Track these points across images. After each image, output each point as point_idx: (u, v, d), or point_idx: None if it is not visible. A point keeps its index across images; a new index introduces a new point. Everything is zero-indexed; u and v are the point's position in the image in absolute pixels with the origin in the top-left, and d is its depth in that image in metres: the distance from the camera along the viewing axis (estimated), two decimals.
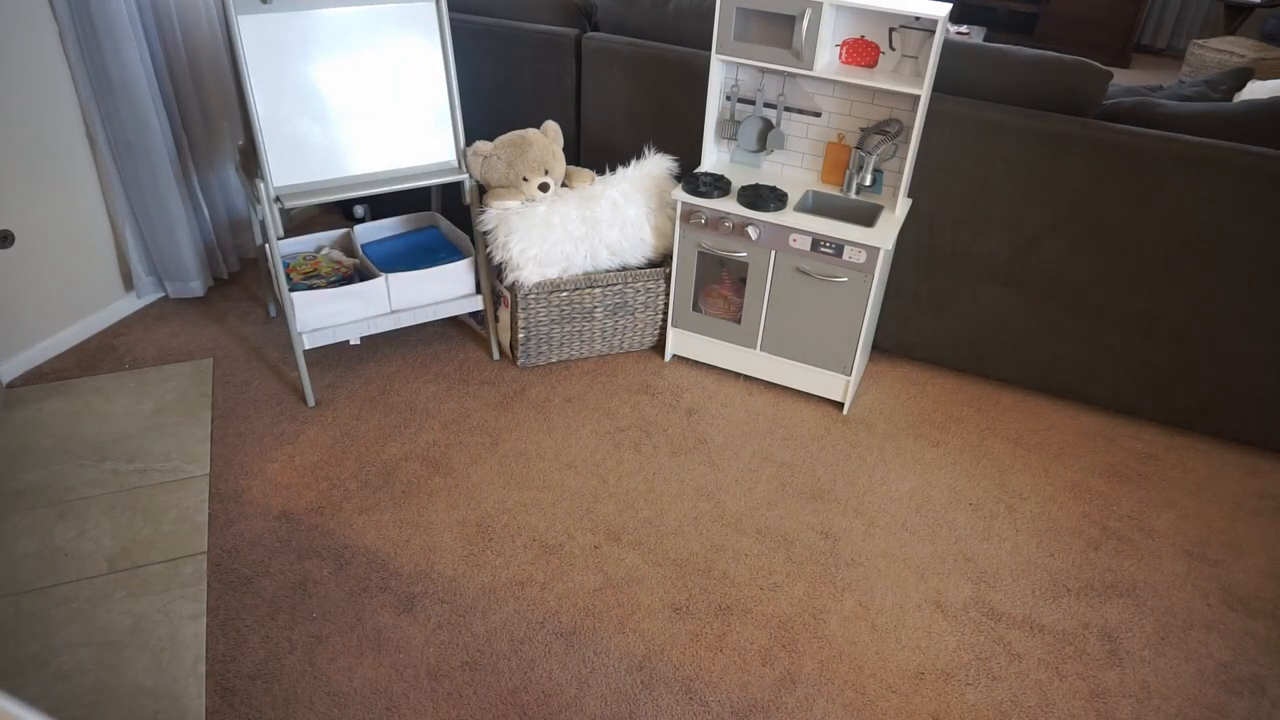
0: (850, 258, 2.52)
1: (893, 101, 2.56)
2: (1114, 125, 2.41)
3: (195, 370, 2.83)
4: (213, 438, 2.56)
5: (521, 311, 2.77)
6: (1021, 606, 2.19)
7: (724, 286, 2.81)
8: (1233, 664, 2.08)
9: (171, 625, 2.01)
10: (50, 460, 2.43)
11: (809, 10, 2.36)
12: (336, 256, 2.89)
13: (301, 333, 2.62)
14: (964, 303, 2.80)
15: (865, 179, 2.61)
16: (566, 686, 1.93)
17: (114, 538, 2.21)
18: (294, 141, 2.48)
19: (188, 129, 3.01)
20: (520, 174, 2.67)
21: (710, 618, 2.11)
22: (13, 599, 2.04)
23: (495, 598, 2.13)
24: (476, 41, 2.97)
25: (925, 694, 1.97)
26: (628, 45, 2.83)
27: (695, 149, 2.85)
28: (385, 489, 2.42)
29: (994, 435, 2.74)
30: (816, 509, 2.43)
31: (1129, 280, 2.58)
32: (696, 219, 2.65)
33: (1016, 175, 2.54)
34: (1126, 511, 2.48)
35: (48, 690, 1.86)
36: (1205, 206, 2.39)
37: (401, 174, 2.66)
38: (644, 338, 3.00)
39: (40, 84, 2.61)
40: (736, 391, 2.87)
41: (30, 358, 2.78)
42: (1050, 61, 2.45)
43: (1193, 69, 5.59)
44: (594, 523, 2.35)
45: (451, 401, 2.75)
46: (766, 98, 2.71)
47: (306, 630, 2.03)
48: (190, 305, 3.15)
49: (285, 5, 2.39)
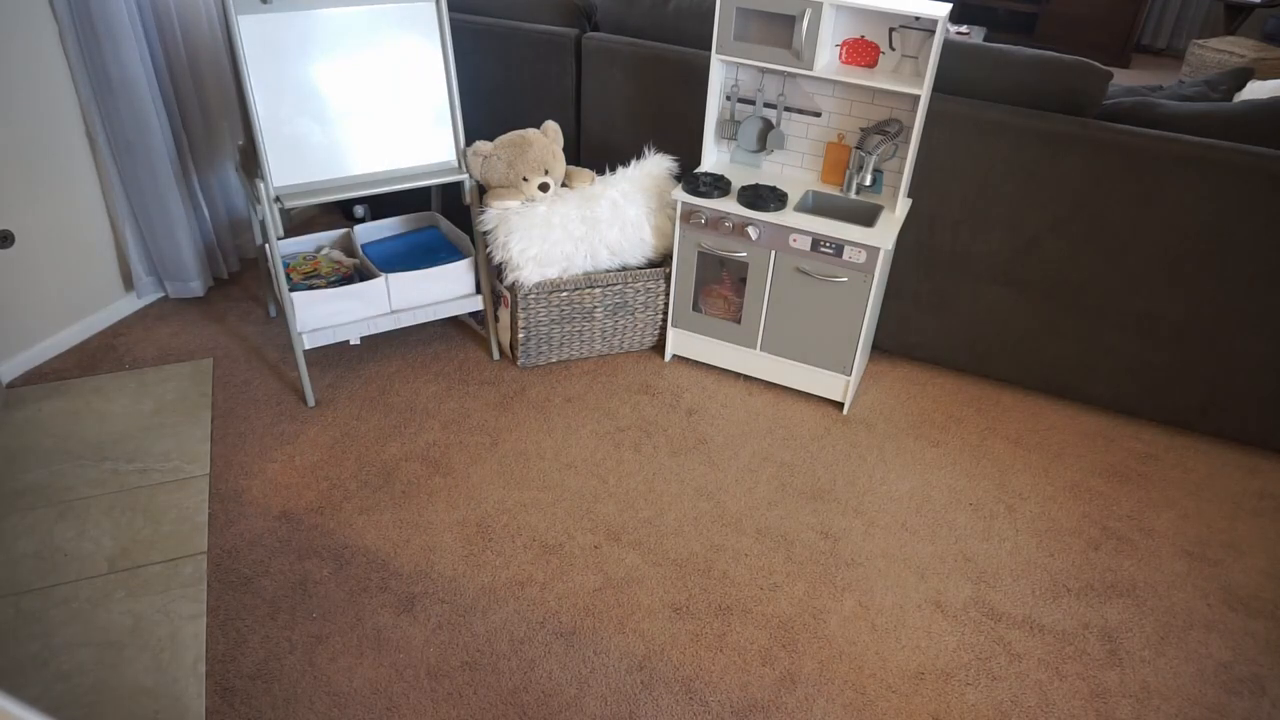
0: (850, 258, 2.52)
1: (893, 101, 2.56)
2: (1114, 125, 2.41)
3: (195, 370, 2.83)
4: (213, 438, 2.56)
5: (521, 311, 2.77)
6: (1021, 606, 2.19)
7: (724, 286, 2.81)
8: (1233, 664, 2.08)
9: (171, 625, 2.01)
10: (50, 460, 2.43)
11: (809, 10, 2.36)
12: (336, 256, 2.89)
13: (301, 333, 2.62)
14: (964, 303, 2.80)
15: (865, 179, 2.61)
16: (566, 686, 1.93)
17: (114, 538, 2.21)
18: (294, 141, 2.48)
19: (188, 129, 3.01)
20: (520, 174, 2.67)
21: (710, 618, 2.11)
22: (13, 599, 2.04)
23: (495, 598, 2.13)
24: (476, 41, 2.97)
25: (925, 694, 1.97)
26: (628, 45, 2.84)
27: (695, 149, 2.85)
28: (385, 489, 2.42)
29: (994, 435, 2.74)
30: (816, 509, 2.43)
31: (1129, 280, 2.58)
32: (696, 219, 2.65)
33: (1016, 175, 2.54)
34: (1126, 511, 2.48)
35: (48, 690, 1.86)
36: (1205, 206, 2.39)
37: (401, 174, 2.66)
38: (644, 338, 3.00)
39: (40, 84, 2.61)
40: (736, 391, 2.87)
41: (30, 358, 2.78)
42: (1050, 61, 2.45)
43: (1193, 69, 5.59)
44: (594, 523, 2.35)
45: (451, 401, 2.75)
46: (766, 98, 2.71)
47: (306, 630, 2.03)
48: (190, 305, 3.15)
49: (285, 5, 2.39)
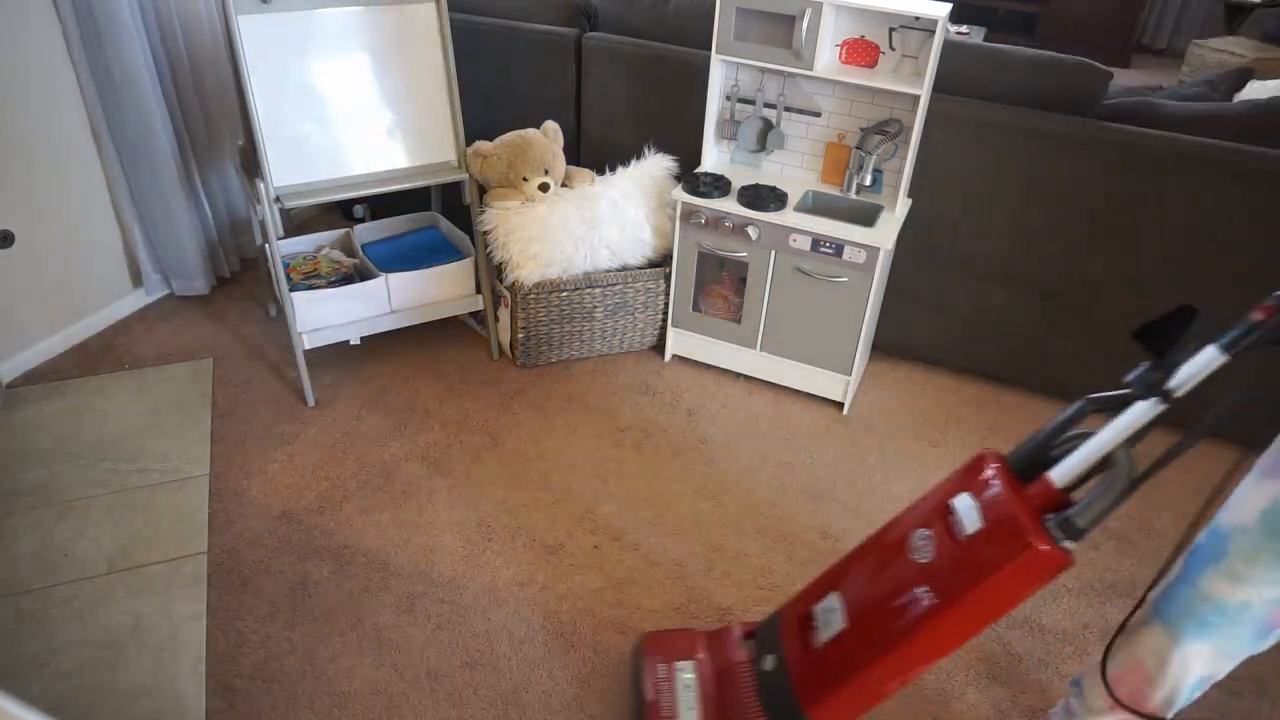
0: (850, 258, 2.52)
1: (893, 101, 2.56)
2: (1114, 125, 2.41)
3: (195, 370, 2.83)
4: (213, 438, 2.56)
5: (521, 311, 2.77)
6: (1021, 606, 2.18)
7: (724, 286, 2.81)
8: None
9: (171, 625, 2.01)
10: (50, 460, 2.43)
11: (809, 10, 2.36)
12: (336, 256, 2.89)
13: (301, 333, 2.62)
14: (964, 303, 2.80)
15: (865, 179, 2.61)
16: (566, 686, 1.93)
17: (114, 538, 2.21)
18: (294, 141, 2.48)
19: (189, 129, 3.01)
20: (520, 174, 2.67)
21: (710, 618, 2.11)
22: (13, 599, 2.04)
23: (495, 598, 2.13)
24: (476, 41, 2.97)
25: (925, 694, 1.97)
26: (628, 45, 2.84)
27: (695, 149, 2.85)
28: (385, 489, 2.42)
29: (994, 435, 2.74)
30: (816, 509, 2.43)
31: (1129, 280, 2.58)
32: (696, 219, 2.65)
33: (1016, 175, 2.54)
34: (1126, 511, 2.48)
35: (48, 690, 1.86)
36: (1205, 206, 2.39)
37: (401, 174, 2.66)
38: (644, 338, 3.00)
39: (45, 83, 2.61)
40: (736, 391, 2.87)
41: (30, 358, 2.78)
42: (1050, 61, 2.45)
43: (1193, 69, 5.59)
44: (594, 523, 2.35)
45: (451, 401, 2.75)
46: (766, 98, 2.71)
47: (306, 630, 2.03)
48: (190, 305, 3.15)
49: (285, 5, 2.38)
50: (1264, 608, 1.36)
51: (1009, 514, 1.38)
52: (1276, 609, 1.36)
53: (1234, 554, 1.37)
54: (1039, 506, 1.39)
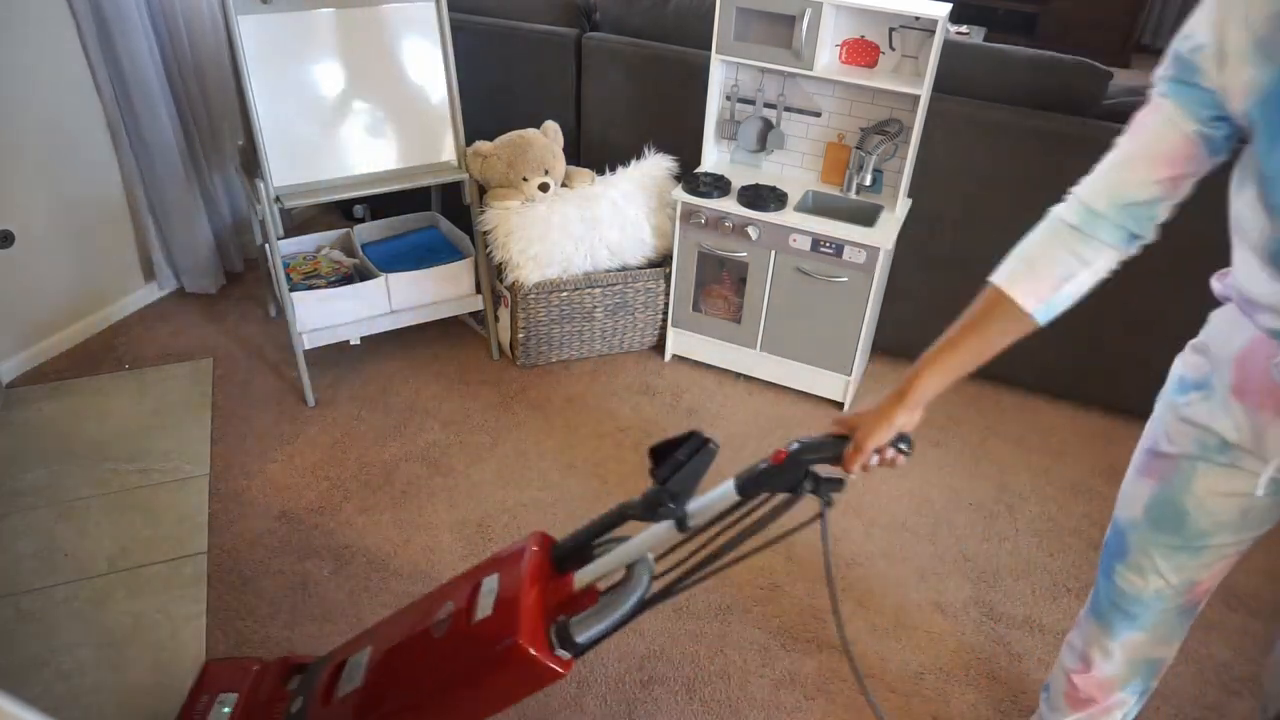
0: (850, 258, 2.52)
1: (893, 101, 2.56)
2: (1114, 125, 2.40)
3: (195, 370, 2.83)
4: (213, 438, 2.56)
5: (521, 311, 2.77)
6: (1021, 606, 2.18)
7: (724, 286, 2.81)
8: (1232, 664, 2.08)
9: (171, 625, 2.01)
10: (50, 460, 2.43)
11: (809, 10, 2.36)
12: (336, 256, 2.89)
13: (301, 333, 2.61)
14: (964, 303, 2.77)
15: (865, 179, 2.61)
16: (566, 686, 1.93)
17: (114, 538, 2.21)
18: (294, 141, 2.48)
19: (195, 126, 3.01)
20: (520, 174, 2.67)
21: (710, 618, 2.11)
22: (13, 599, 2.04)
23: None
24: (476, 41, 2.97)
25: (925, 694, 1.97)
26: (628, 45, 2.83)
27: (695, 149, 2.85)
28: (385, 489, 2.42)
29: (994, 435, 2.74)
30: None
31: (1129, 280, 2.56)
32: (696, 219, 2.65)
33: (1016, 175, 2.54)
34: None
35: (48, 690, 1.86)
36: (1204, 206, 2.39)
37: (401, 174, 2.66)
38: (644, 338, 2.99)
39: (58, 79, 2.62)
40: (736, 391, 2.87)
41: (30, 358, 2.78)
42: (1050, 61, 2.45)
43: None
44: None
45: (451, 401, 2.75)
46: (766, 98, 2.71)
47: (306, 630, 2.03)
48: (190, 305, 3.15)
49: (285, 5, 2.38)
50: (1177, 592, 1.37)
51: (513, 608, 1.30)
52: (1190, 589, 1.37)
53: (1134, 548, 1.39)
54: (556, 604, 1.32)
